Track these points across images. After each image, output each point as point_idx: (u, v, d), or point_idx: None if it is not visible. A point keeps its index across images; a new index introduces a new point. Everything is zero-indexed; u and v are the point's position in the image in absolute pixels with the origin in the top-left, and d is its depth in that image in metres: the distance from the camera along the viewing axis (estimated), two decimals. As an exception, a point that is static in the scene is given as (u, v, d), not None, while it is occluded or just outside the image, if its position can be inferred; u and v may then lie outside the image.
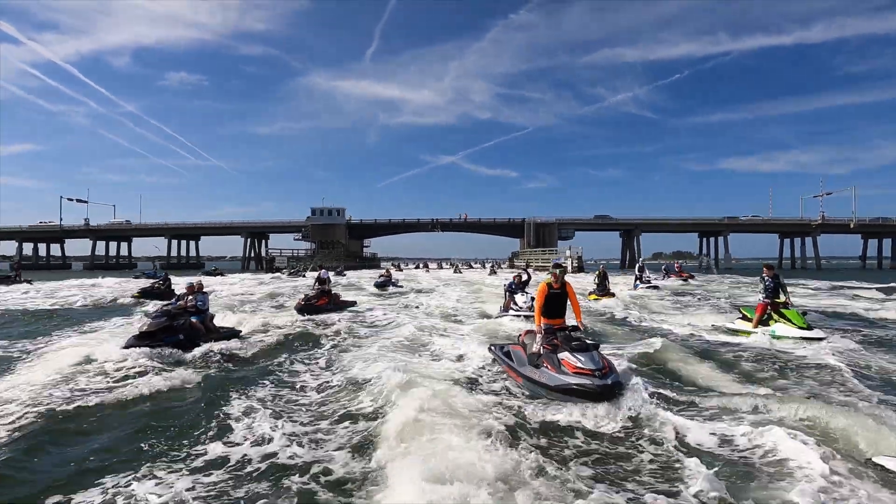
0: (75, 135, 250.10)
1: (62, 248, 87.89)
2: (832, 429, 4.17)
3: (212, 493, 3.24)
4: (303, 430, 4.35)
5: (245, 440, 4.10)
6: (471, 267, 63.00)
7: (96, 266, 77.43)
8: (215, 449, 3.93)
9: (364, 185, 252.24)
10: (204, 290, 9.20)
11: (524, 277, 13.52)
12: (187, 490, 3.25)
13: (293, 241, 78.18)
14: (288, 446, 3.94)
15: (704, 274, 45.55)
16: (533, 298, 10.46)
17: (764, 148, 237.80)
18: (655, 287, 21.71)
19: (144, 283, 22.08)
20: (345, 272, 36.07)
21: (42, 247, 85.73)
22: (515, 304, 12.08)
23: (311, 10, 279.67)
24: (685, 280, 30.12)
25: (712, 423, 4.38)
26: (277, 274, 44.04)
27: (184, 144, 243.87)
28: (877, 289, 22.38)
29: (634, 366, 6.58)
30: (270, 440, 4.06)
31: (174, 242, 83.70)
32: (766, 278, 10.18)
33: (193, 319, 8.27)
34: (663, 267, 34.64)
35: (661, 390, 5.40)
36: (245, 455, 3.81)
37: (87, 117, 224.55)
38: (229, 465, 3.68)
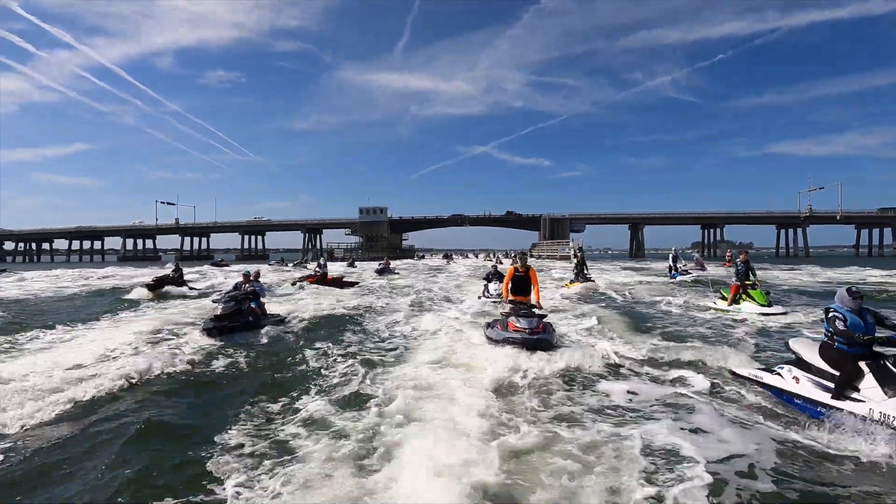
0: (124, 134, 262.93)
1: (154, 243, 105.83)
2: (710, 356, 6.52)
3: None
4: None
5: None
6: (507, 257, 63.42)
7: (184, 258, 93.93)
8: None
9: (398, 177, 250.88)
10: (260, 278, 9.87)
11: (499, 268, 15.44)
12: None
13: (344, 236, 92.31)
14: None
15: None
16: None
17: (818, 131, 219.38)
18: (695, 275, 20.76)
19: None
20: (355, 264, 39.80)
21: (139, 242, 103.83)
22: (488, 291, 13.92)
23: (343, 5, 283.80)
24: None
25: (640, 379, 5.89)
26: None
27: (224, 141, 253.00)
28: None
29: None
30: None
31: (245, 237, 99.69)
32: (738, 263, 11.73)
33: (253, 305, 9.02)
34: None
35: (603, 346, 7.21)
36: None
37: (135, 117, 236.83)
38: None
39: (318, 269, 20.93)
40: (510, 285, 7.95)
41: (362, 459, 3.62)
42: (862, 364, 4.20)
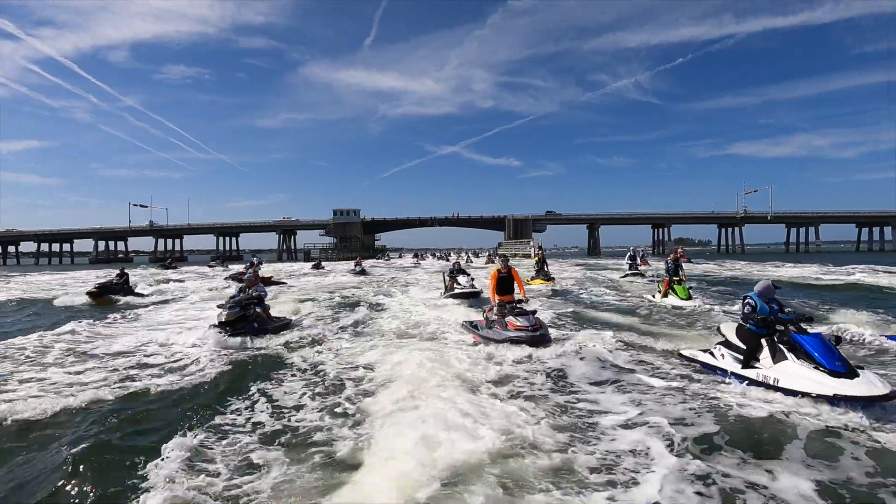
0: (78, 130, 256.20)
1: (126, 245, 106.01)
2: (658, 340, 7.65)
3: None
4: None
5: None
6: (477, 256, 65.29)
7: (158, 259, 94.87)
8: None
9: (369, 176, 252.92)
10: (260, 280, 9.65)
11: (461, 265, 16.84)
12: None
13: (318, 237, 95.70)
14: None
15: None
16: (472, 279, 15.02)
17: (773, 132, 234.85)
18: (641, 274, 22.09)
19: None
20: (322, 265, 39.88)
21: (111, 244, 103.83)
22: (458, 283, 14.46)
23: (309, 0, 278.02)
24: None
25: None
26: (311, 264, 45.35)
27: (186, 138, 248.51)
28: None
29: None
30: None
31: (220, 239, 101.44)
32: (669, 261, 12.99)
33: (258, 309, 8.95)
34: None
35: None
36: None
37: (89, 112, 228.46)
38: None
39: (250, 268, 21.60)
40: (495, 287, 8.47)
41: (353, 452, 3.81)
42: (763, 340, 5.17)
